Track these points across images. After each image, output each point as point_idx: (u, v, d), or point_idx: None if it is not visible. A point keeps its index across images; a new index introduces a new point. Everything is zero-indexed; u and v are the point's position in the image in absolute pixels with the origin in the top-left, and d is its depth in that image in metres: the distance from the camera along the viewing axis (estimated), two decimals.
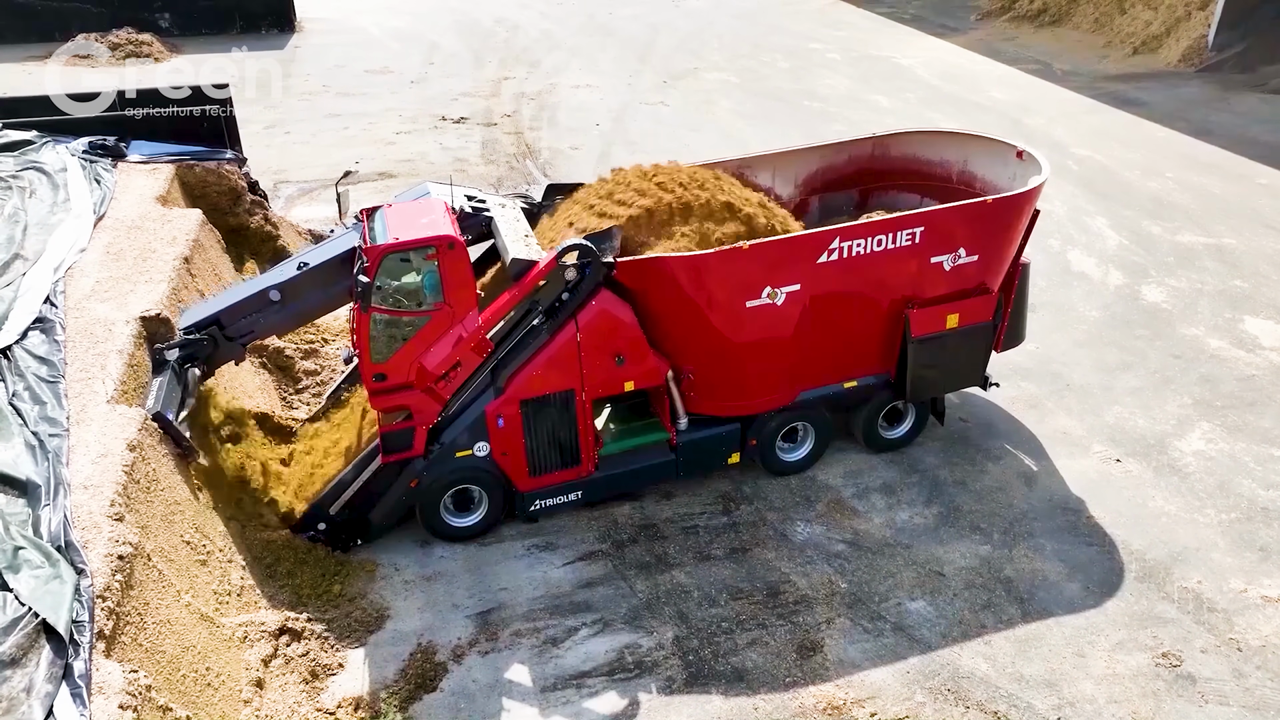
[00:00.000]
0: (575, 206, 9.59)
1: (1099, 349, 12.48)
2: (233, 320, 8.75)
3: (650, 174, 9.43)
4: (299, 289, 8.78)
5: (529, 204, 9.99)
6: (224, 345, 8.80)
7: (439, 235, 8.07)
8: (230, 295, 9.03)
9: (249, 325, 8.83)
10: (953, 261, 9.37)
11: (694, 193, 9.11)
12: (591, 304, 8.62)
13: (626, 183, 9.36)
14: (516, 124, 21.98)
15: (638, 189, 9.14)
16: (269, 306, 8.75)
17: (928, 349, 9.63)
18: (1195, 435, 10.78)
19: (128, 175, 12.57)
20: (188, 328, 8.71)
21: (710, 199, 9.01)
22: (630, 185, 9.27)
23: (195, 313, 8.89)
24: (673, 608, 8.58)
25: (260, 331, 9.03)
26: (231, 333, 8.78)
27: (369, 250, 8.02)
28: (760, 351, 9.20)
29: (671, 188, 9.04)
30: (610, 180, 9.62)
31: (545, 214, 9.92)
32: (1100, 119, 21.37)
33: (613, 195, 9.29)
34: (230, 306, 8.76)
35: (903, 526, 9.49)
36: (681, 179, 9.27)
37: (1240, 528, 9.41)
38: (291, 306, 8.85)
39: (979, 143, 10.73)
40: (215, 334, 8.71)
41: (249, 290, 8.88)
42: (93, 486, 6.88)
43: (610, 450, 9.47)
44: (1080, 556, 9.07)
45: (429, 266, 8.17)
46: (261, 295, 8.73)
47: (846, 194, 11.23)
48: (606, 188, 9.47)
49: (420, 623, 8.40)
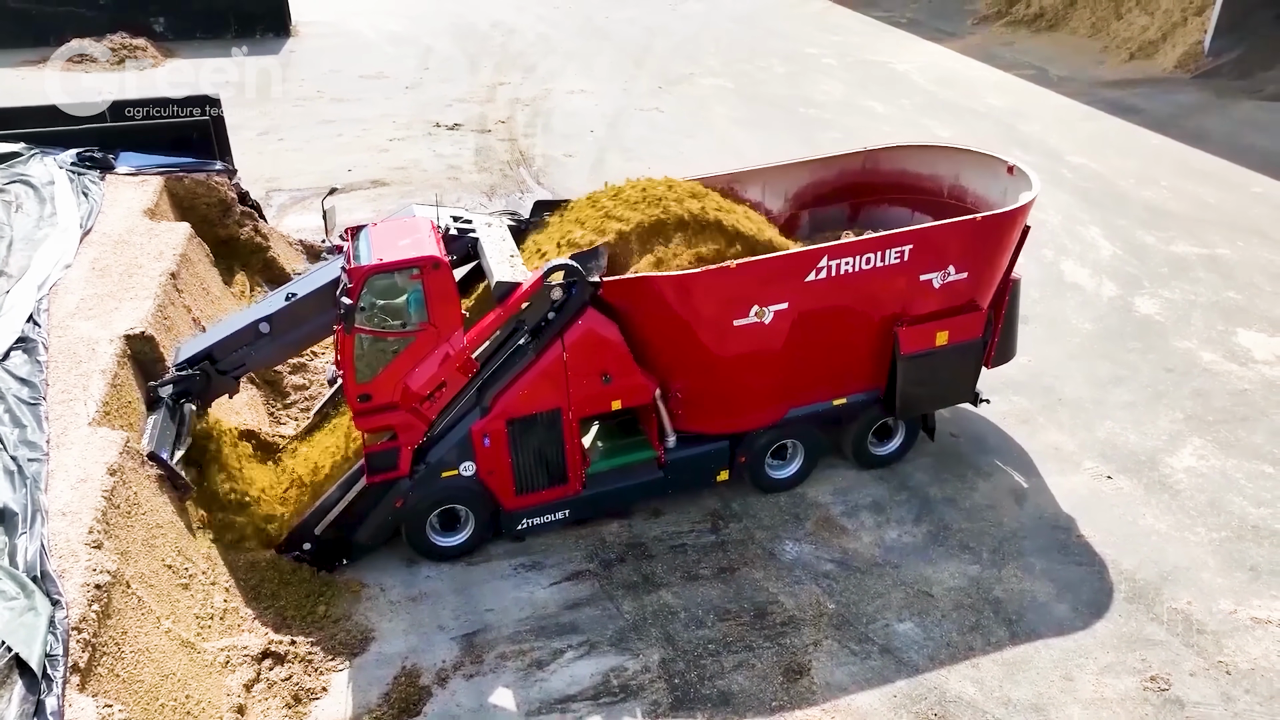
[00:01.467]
0: (563, 222, 9.53)
1: (1091, 362, 12.43)
2: (225, 354, 8.86)
3: (640, 188, 9.38)
4: (289, 320, 8.83)
5: (517, 221, 9.94)
6: (217, 379, 8.92)
7: (423, 256, 8.01)
8: (221, 329, 9.08)
9: (241, 358, 8.93)
10: (942, 279, 9.32)
11: (683, 208, 9.05)
12: (578, 323, 8.57)
13: (615, 198, 9.31)
14: (511, 130, 21.92)
15: (626, 204, 9.09)
16: (260, 339, 8.84)
17: (917, 366, 9.58)
18: (1186, 451, 10.73)
19: (116, 188, 12.50)
20: (180, 364, 8.78)
21: (700, 214, 8.95)
22: (619, 200, 9.21)
23: (188, 349, 8.95)
24: (659, 629, 8.52)
25: (252, 364, 9.15)
26: (224, 366, 8.89)
27: (353, 271, 7.96)
28: (749, 369, 9.15)
29: (661, 203, 8.98)
30: (599, 195, 9.57)
31: (533, 230, 9.87)
32: (1096, 126, 21.31)
33: (601, 210, 9.23)
34: (221, 341, 8.85)
35: (892, 545, 9.44)
36: (671, 194, 9.22)
37: (1230, 547, 9.36)
38: (282, 337, 8.92)
39: (970, 157, 10.67)
40: (208, 369, 8.82)
41: (239, 323, 8.94)
42: (71, 513, 6.83)
43: (598, 469, 9.42)
44: (1070, 576, 9.02)
45: (413, 287, 8.12)
46: (252, 328, 8.81)
47: (837, 208, 11.18)
48: (595, 203, 9.41)
49: (405, 645, 8.35)
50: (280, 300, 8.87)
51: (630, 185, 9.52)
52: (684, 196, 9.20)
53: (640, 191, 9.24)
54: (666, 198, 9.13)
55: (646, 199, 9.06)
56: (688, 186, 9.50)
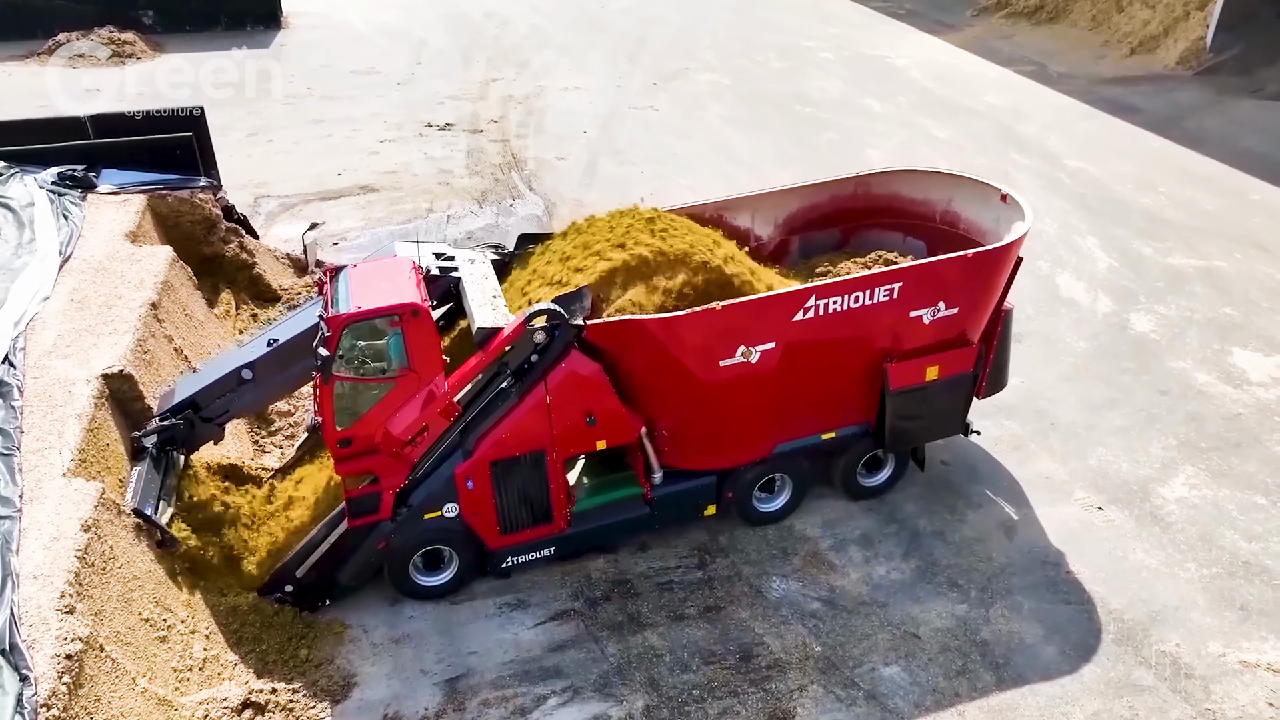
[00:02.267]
0: (547, 258, 9.39)
1: (1085, 384, 12.31)
2: (208, 401, 8.80)
3: (624, 222, 9.23)
4: (271, 366, 8.76)
5: (500, 254, 9.79)
6: (201, 427, 8.87)
7: (402, 304, 7.88)
8: (204, 376, 9.00)
9: (224, 405, 8.88)
10: (932, 315, 9.18)
11: (669, 244, 8.89)
12: (561, 366, 8.44)
13: (599, 233, 9.16)
14: (503, 131, 21.69)
15: (611, 240, 8.94)
16: (242, 385, 8.79)
17: (907, 400, 9.47)
18: (1179, 481, 10.64)
19: (97, 209, 12.34)
20: (164, 413, 8.70)
21: (685, 254, 8.80)
22: (603, 236, 9.06)
23: (171, 397, 8.88)
24: (644, 673, 8.46)
25: (236, 411, 9.08)
26: (208, 414, 8.84)
27: (330, 320, 7.82)
28: (735, 407, 9.04)
29: (644, 240, 8.82)
30: (583, 229, 9.42)
31: (517, 264, 9.72)
32: (1095, 126, 21.08)
33: (586, 246, 9.08)
34: (205, 389, 8.78)
35: (879, 583, 9.36)
36: (656, 227, 9.06)
37: (1221, 584, 9.28)
38: (265, 384, 8.87)
39: (963, 183, 10.51)
40: (191, 417, 8.75)
41: (221, 370, 8.88)
42: (43, 576, 6.73)
43: (583, 506, 9.33)
44: (1058, 617, 8.94)
45: (393, 333, 7.99)
46: (234, 375, 8.76)
47: (828, 233, 11.03)
48: (580, 239, 9.26)
49: (387, 691, 8.29)
50: (262, 346, 8.77)
51: (615, 217, 9.36)
52: (680, 230, 9.04)
53: (625, 227, 9.07)
54: (650, 229, 8.97)
55: (630, 235, 8.90)
56: (677, 221, 9.32)
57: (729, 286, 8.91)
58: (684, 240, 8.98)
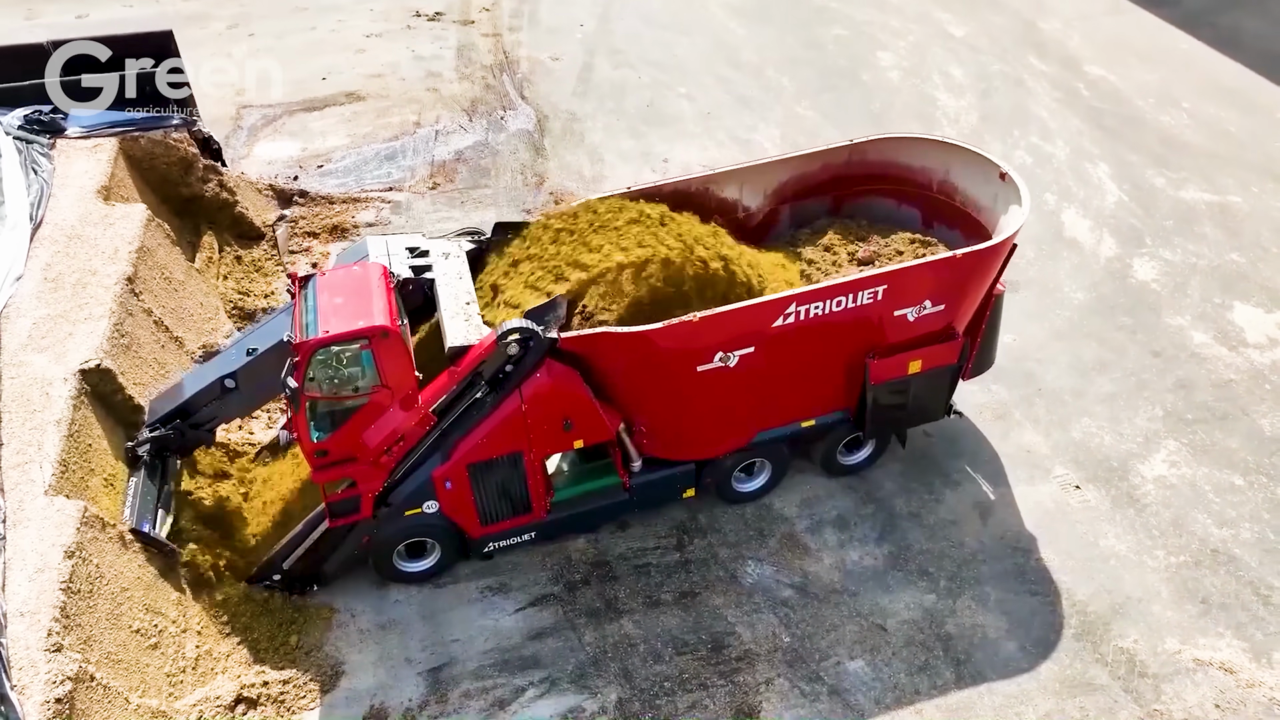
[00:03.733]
0: (525, 254, 9.12)
1: (1077, 343, 12.13)
2: (195, 410, 8.93)
3: (602, 216, 8.93)
4: (253, 374, 8.79)
5: (477, 242, 9.51)
6: (191, 434, 9.05)
7: (371, 327, 7.75)
8: (189, 386, 9.05)
9: (211, 413, 9.02)
10: (918, 313, 8.98)
11: (650, 246, 8.59)
12: (536, 376, 8.37)
13: (577, 229, 8.87)
14: (495, 23, 20.57)
15: (587, 243, 8.66)
16: (227, 394, 8.86)
17: (888, 392, 9.41)
18: (1159, 457, 10.66)
19: (67, 157, 11.96)
20: (153, 423, 8.84)
21: (667, 256, 8.52)
22: (580, 235, 8.77)
23: (159, 406, 9.05)
24: (619, 664, 8.83)
25: (224, 416, 9.20)
26: (196, 421, 8.98)
27: (298, 347, 7.72)
28: (713, 407, 9.01)
29: (625, 244, 8.54)
30: (559, 221, 9.12)
31: (494, 252, 9.46)
32: (1122, 22, 19.76)
33: (561, 247, 8.81)
34: (190, 399, 8.89)
35: (851, 569, 9.59)
36: (638, 227, 8.75)
37: (1186, 574, 9.48)
38: (249, 391, 8.90)
39: (963, 154, 10.00)
40: (181, 426, 8.92)
41: (204, 381, 8.92)
42: (29, 613, 6.98)
43: (563, 496, 9.47)
44: (1022, 609, 9.20)
45: (364, 354, 7.90)
46: (218, 384, 8.80)
47: (819, 201, 10.62)
48: (555, 234, 8.98)
49: (374, 680, 8.71)
50: (242, 356, 8.80)
51: (590, 209, 9.03)
52: (656, 229, 8.74)
53: (605, 223, 8.76)
54: (631, 227, 8.69)
55: (613, 238, 8.61)
56: (660, 215, 8.98)
57: (719, 284, 8.70)
58: (668, 236, 8.70)
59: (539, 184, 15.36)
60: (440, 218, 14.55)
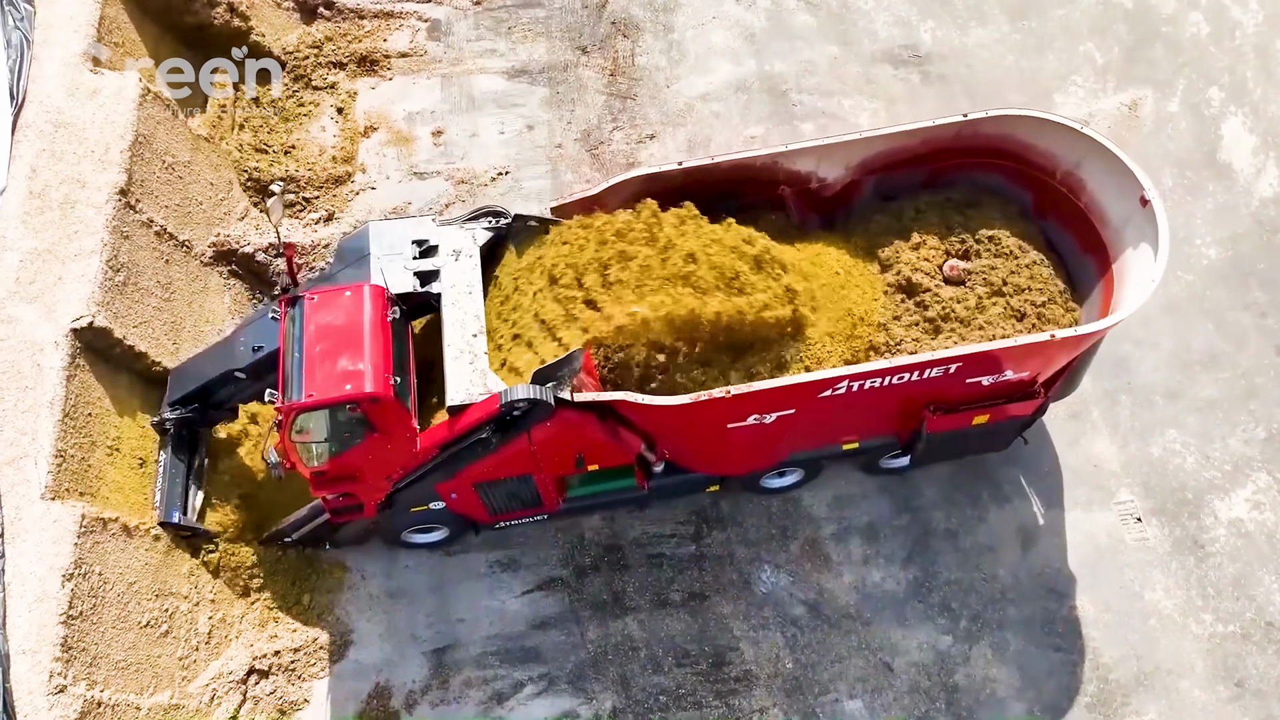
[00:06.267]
0: (543, 269, 7.82)
1: (1191, 322, 10.47)
2: (212, 393, 8.81)
3: (627, 237, 7.54)
4: (261, 369, 8.34)
5: (496, 228, 8.15)
6: (212, 413, 9.02)
7: (360, 394, 6.90)
8: (203, 369, 8.77)
9: (228, 394, 8.85)
10: (995, 379, 7.70)
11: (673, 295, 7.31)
12: (546, 424, 7.54)
13: (601, 256, 7.51)
14: None
15: (607, 279, 7.37)
16: (239, 383, 8.57)
17: (945, 440, 8.40)
18: (1243, 494, 9.59)
19: None
20: (173, 401, 8.74)
21: (693, 311, 7.25)
22: (603, 264, 7.44)
23: (181, 380, 8.87)
24: (618, 668, 8.92)
25: (240, 399, 8.96)
26: (215, 401, 8.87)
27: (283, 409, 6.96)
28: (744, 444, 8.15)
29: (651, 286, 7.25)
30: (582, 235, 7.73)
31: (513, 246, 8.14)
32: None
33: (584, 273, 7.51)
34: (205, 385, 8.71)
35: (870, 592, 9.20)
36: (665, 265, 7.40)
37: (1229, 648, 8.90)
38: (262, 378, 8.37)
39: (1104, 154, 8.00)
40: (201, 406, 8.87)
41: (217, 370, 8.62)
42: (30, 651, 7.09)
43: (577, 493, 9.00)
44: (1040, 666, 8.85)
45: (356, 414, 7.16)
46: (228, 375, 8.56)
47: (912, 172, 8.77)
48: (577, 254, 7.63)
49: (380, 655, 8.98)
50: (249, 353, 8.35)
51: (629, 224, 7.59)
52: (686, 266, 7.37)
53: (629, 255, 7.39)
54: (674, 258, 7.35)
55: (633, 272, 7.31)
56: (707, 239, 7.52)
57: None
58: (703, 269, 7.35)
59: (600, 6, 12.97)
60: (483, 49, 12.61)
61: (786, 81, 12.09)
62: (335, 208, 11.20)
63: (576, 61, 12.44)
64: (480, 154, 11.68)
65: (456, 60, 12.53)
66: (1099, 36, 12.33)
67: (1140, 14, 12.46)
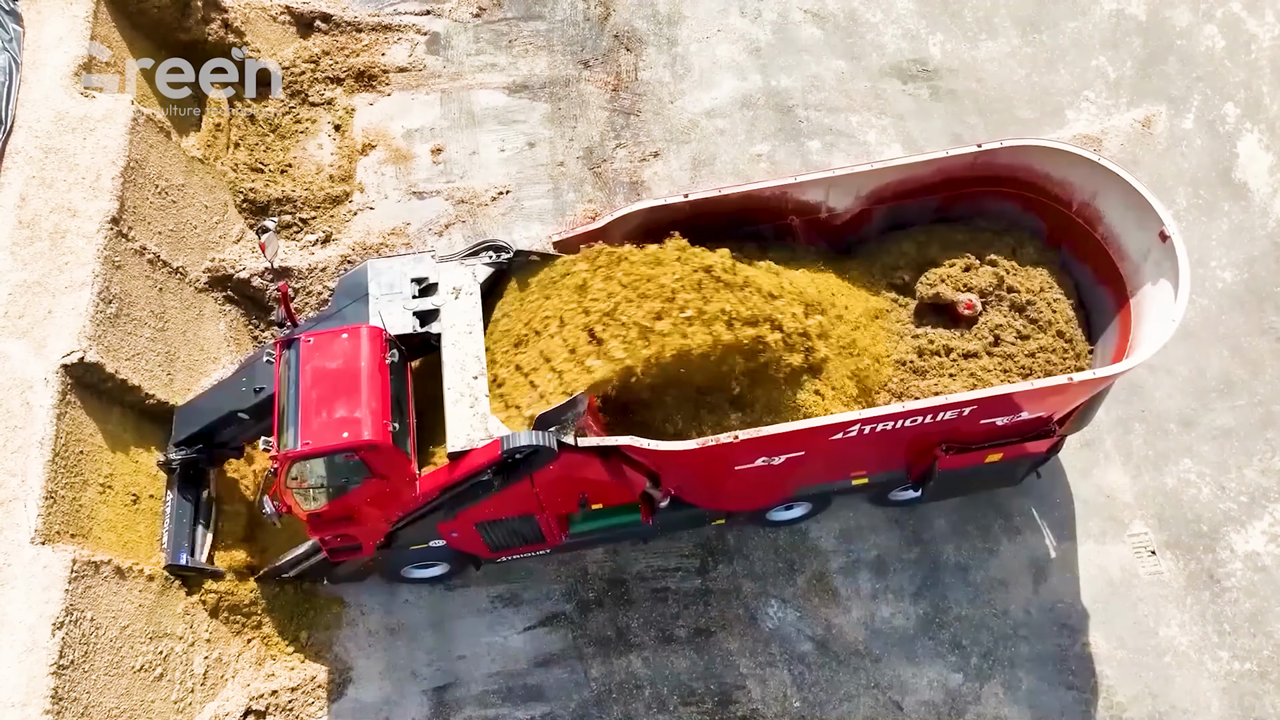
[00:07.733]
0: (546, 309, 7.61)
1: (1206, 347, 10.26)
2: (217, 433, 8.71)
3: (630, 275, 7.32)
4: (263, 410, 8.16)
5: (497, 263, 7.93)
6: (218, 452, 8.92)
7: (358, 442, 6.71)
8: (206, 409, 8.67)
9: (232, 434, 8.77)
10: (1010, 419, 7.50)
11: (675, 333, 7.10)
12: (549, 468, 7.34)
13: (607, 290, 7.29)
14: None
15: (627, 321, 7.15)
16: (243, 423, 8.46)
17: (957, 477, 8.20)
18: (1260, 527, 9.40)
19: (39, 12, 10.04)
20: (180, 442, 8.64)
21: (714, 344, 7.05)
22: (618, 307, 7.22)
23: (187, 419, 8.75)
24: (622, 707, 8.75)
25: (244, 437, 8.85)
26: (220, 440, 8.79)
27: (278, 457, 6.77)
28: (750, 483, 7.96)
29: (652, 324, 7.04)
30: (591, 274, 7.52)
31: (515, 280, 7.93)
32: None
33: (589, 314, 7.30)
34: (209, 425, 8.61)
35: (879, 628, 9.03)
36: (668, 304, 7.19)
37: (1246, 687, 8.72)
38: (263, 421, 8.19)
39: (1121, 186, 7.77)
40: (207, 445, 8.78)
41: (220, 410, 8.52)
42: (18, 704, 6.92)
43: (580, 529, 8.81)
44: (1052, 705, 8.68)
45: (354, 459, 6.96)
46: (231, 416, 8.47)
47: (924, 201, 8.55)
48: (579, 293, 7.41)
49: (379, 693, 8.81)
50: (251, 395, 8.21)
51: (634, 261, 7.37)
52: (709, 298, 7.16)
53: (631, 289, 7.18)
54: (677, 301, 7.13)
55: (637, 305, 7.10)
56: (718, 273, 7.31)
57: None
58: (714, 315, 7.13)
59: (602, 19, 12.73)
60: (484, 63, 12.37)
61: (793, 97, 11.84)
62: (333, 229, 10.99)
63: (578, 76, 12.20)
64: (480, 172, 11.45)
65: (456, 75, 12.29)
66: (1112, 50, 12.07)
67: (1154, 27, 12.19)
